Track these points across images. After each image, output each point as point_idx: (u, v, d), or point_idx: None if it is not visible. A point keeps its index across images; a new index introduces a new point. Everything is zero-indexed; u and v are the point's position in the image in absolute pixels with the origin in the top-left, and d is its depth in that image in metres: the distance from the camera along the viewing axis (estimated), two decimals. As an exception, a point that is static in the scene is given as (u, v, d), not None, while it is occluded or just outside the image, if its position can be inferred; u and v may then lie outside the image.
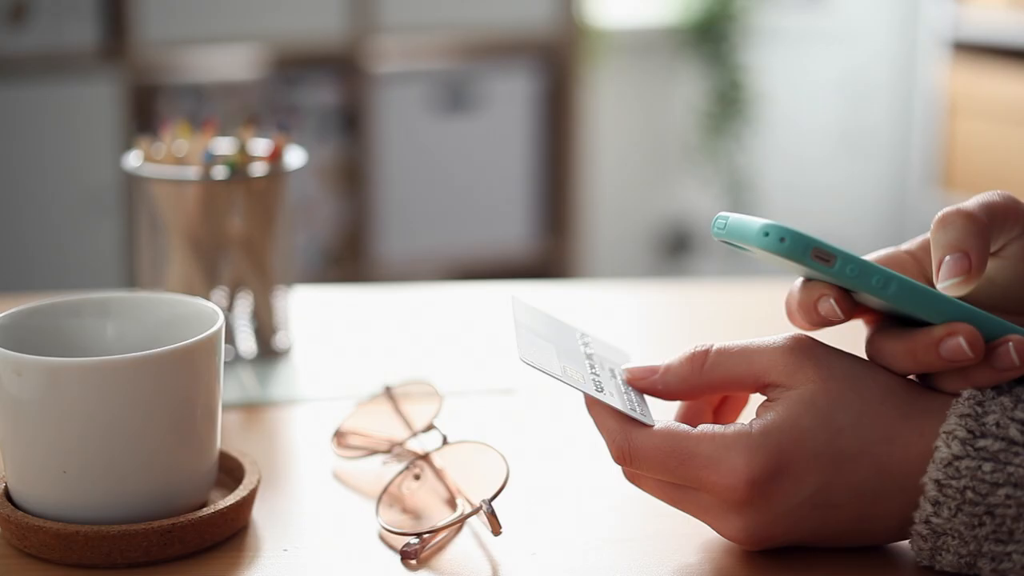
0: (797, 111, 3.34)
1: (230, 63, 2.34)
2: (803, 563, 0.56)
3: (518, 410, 0.77)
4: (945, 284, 0.55)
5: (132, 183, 0.81)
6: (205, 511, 0.58)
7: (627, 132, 3.21)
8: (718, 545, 0.58)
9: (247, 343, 0.84)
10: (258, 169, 0.80)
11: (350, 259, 2.46)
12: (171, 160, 0.82)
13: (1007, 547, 0.52)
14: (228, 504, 0.58)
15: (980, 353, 0.53)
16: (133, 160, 0.81)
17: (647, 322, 0.98)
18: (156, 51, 2.21)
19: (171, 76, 2.27)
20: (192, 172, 0.80)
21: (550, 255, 2.59)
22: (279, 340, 0.85)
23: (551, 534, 0.60)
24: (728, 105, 3.18)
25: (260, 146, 0.82)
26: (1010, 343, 0.54)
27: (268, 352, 0.84)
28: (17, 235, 2.15)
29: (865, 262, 0.54)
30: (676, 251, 3.27)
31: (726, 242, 0.56)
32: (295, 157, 0.83)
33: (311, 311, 0.93)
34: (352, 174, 2.43)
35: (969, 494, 0.52)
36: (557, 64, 2.53)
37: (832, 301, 0.55)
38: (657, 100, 3.24)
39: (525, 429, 0.74)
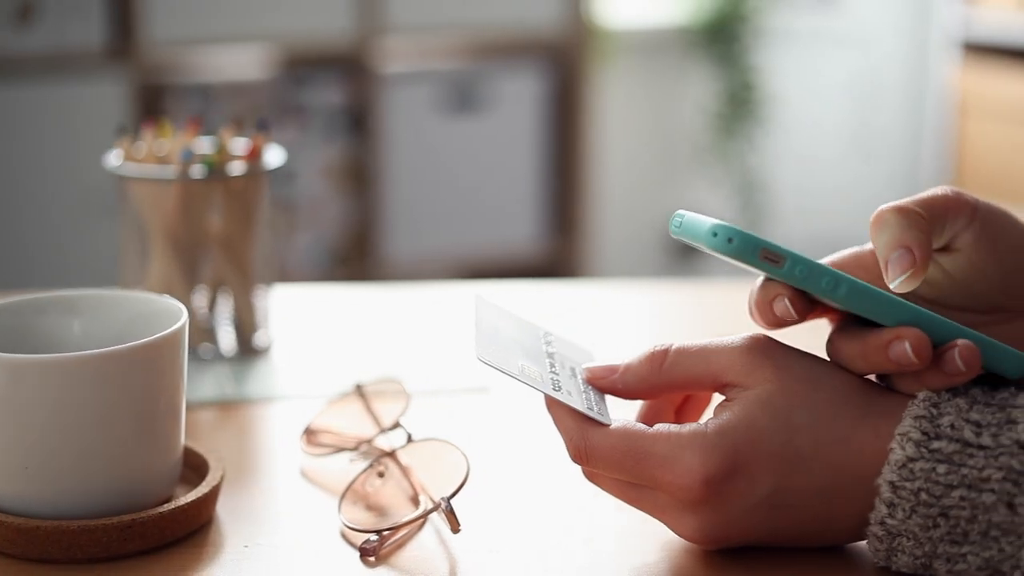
0: (808, 112, 3.33)
1: (237, 63, 2.34)
2: (762, 563, 0.56)
3: (490, 409, 0.77)
4: (895, 283, 0.55)
5: (114, 182, 0.81)
6: (166, 507, 0.58)
7: (637, 132, 3.21)
8: (677, 544, 0.58)
9: (227, 341, 0.84)
10: (236, 168, 0.81)
11: (357, 259, 2.47)
12: (153, 159, 0.83)
13: (962, 548, 0.52)
14: (189, 500, 0.59)
15: (925, 359, 0.53)
16: (114, 159, 0.82)
17: (659, 321, 0.98)
18: (163, 51, 2.22)
19: (178, 76, 2.28)
20: (171, 171, 0.80)
21: (558, 255, 2.59)
22: (259, 338, 0.85)
23: (512, 532, 0.60)
24: (739, 106, 3.17)
25: (239, 145, 0.83)
26: (955, 349, 0.53)
27: (248, 350, 0.84)
28: (24, 235, 2.16)
29: (815, 264, 0.54)
30: (686, 252, 3.26)
31: (683, 241, 0.56)
32: (274, 156, 0.83)
33: (309, 310, 0.94)
34: (359, 174, 2.44)
35: (923, 496, 0.52)
36: (565, 64, 2.53)
37: (786, 301, 0.55)
38: (667, 101, 3.24)
39: (495, 428, 0.75)
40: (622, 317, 0.98)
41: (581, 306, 1.00)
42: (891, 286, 0.55)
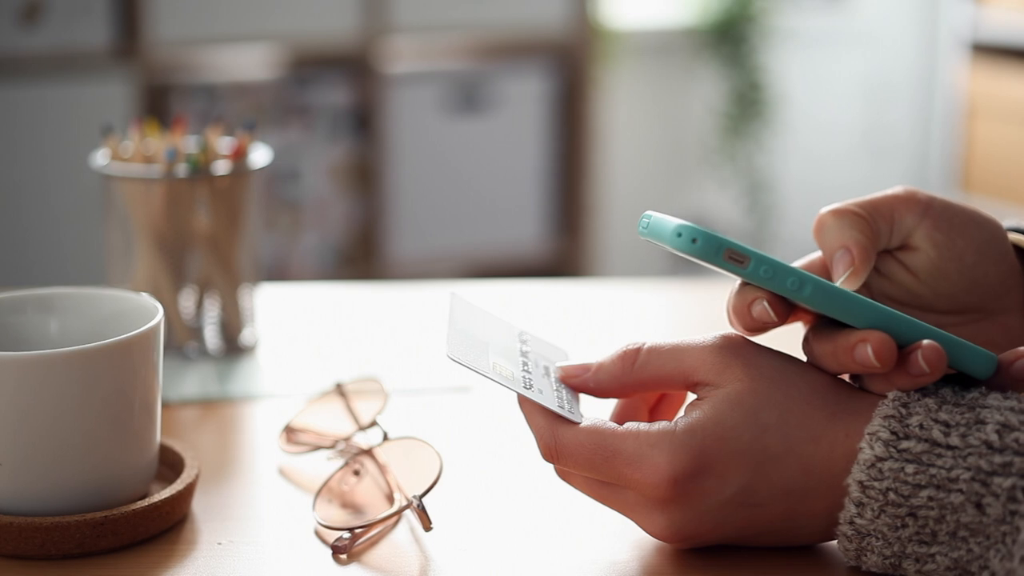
0: (816, 112, 3.32)
1: (243, 63, 2.35)
2: (732, 562, 0.56)
3: (471, 408, 0.77)
4: (838, 281, 0.56)
5: (101, 182, 0.82)
6: (139, 504, 0.58)
7: (644, 133, 3.21)
8: (649, 543, 0.58)
9: (213, 340, 0.84)
10: (221, 167, 0.81)
11: (362, 258, 2.47)
12: (140, 159, 0.83)
13: (931, 548, 0.52)
14: (163, 498, 0.59)
15: (888, 362, 0.53)
16: (100, 158, 0.82)
17: (672, 320, 0.98)
18: (169, 51, 2.23)
19: (184, 76, 2.28)
20: (156, 170, 0.80)
21: (563, 255, 2.59)
22: (245, 337, 0.85)
23: (484, 531, 0.60)
24: (747, 106, 3.17)
25: (224, 145, 0.83)
26: (919, 351, 0.53)
27: (234, 349, 0.85)
28: (29, 234, 2.17)
29: (780, 264, 0.54)
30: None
31: (651, 242, 0.56)
32: (260, 156, 0.83)
33: (300, 309, 0.94)
34: (365, 174, 2.44)
35: (892, 496, 0.52)
36: (571, 65, 2.53)
37: (766, 304, 0.55)
38: (675, 101, 3.23)
39: (474, 427, 0.75)
40: (628, 316, 0.98)
41: (587, 305, 1.00)
42: (840, 285, 0.55)
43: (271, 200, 2.38)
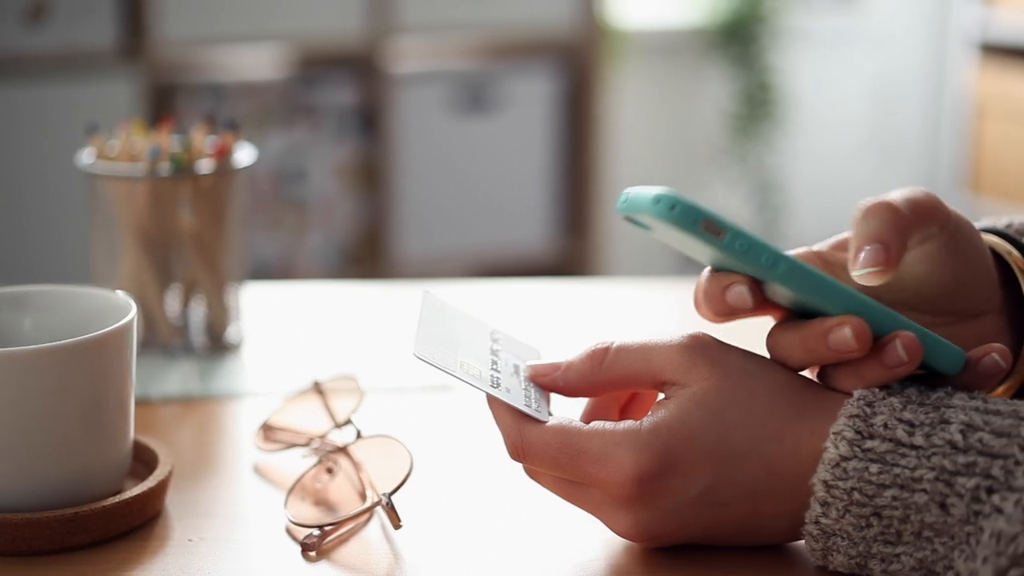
0: (825, 113, 3.32)
1: (249, 63, 2.36)
2: (699, 561, 0.56)
3: (450, 407, 0.77)
4: (860, 272, 0.55)
5: (86, 181, 0.82)
6: (110, 501, 0.59)
7: (652, 133, 3.21)
8: (617, 542, 0.58)
9: (198, 338, 0.85)
10: (204, 166, 0.81)
11: (368, 258, 2.48)
12: (127, 158, 0.84)
13: (896, 548, 0.52)
14: (134, 494, 0.59)
15: (865, 346, 0.53)
16: (86, 157, 0.83)
17: (679, 319, 0.98)
18: (175, 50, 2.24)
19: (190, 76, 2.29)
20: (139, 169, 0.81)
21: (570, 255, 2.59)
22: (230, 335, 0.86)
23: (454, 529, 0.60)
24: (756, 106, 3.16)
25: (208, 144, 0.83)
26: (898, 339, 0.53)
27: (219, 347, 0.85)
28: (35, 234, 2.18)
29: (756, 239, 0.53)
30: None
31: (630, 219, 0.55)
32: (244, 155, 0.84)
33: (289, 308, 0.94)
34: (371, 174, 2.45)
35: (856, 495, 0.52)
36: (577, 65, 2.53)
37: (744, 287, 0.55)
38: (684, 101, 3.23)
39: (451, 426, 0.75)
40: (635, 316, 0.98)
41: (594, 305, 1.00)
42: (855, 275, 0.55)
43: (277, 200, 2.38)
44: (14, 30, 2.10)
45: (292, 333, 0.91)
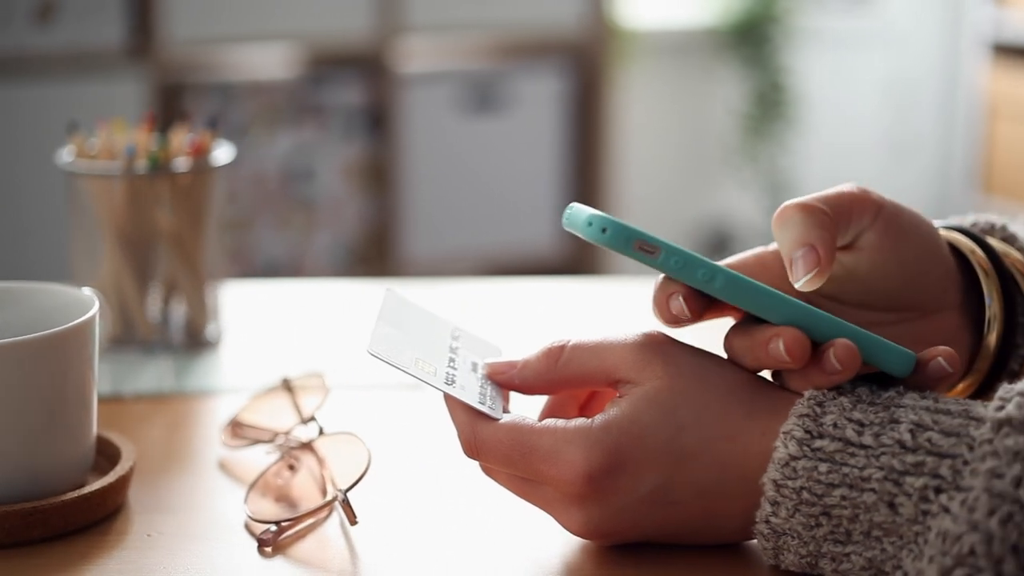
0: (838, 113, 3.31)
1: (257, 62, 2.37)
2: (652, 559, 0.56)
3: (420, 405, 0.77)
4: (800, 282, 0.55)
5: (65, 180, 0.83)
6: (69, 495, 0.59)
7: (664, 133, 3.20)
8: (572, 540, 0.58)
9: (177, 336, 0.85)
10: (181, 164, 0.82)
11: (376, 258, 2.48)
12: (107, 156, 0.84)
13: (845, 548, 0.52)
14: (94, 489, 0.60)
15: (800, 358, 0.53)
16: (65, 156, 0.83)
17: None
18: (183, 50, 2.25)
19: (198, 75, 2.30)
20: (116, 167, 0.81)
21: (578, 255, 2.59)
22: (209, 333, 0.86)
23: (410, 526, 0.61)
24: (769, 107, 3.16)
25: (186, 142, 0.84)
26: (832, 348, 0.53)
27: (197, 345, 0.85)
28: (41, 233, 2.19)
29: (691, 256, 0.53)
30: (716, 254, 3.25)
31: (573, 233, 0.56)
32: (222, 154, 0.84)
33: (278, 306, 0.94)
34: (379, 173, 2.46)
35: (805, 495, 0.52)
36: (586, 65, 2.53)
37: (680, 299, 0.55)
38: (695, 102, 3.22)
39: (417, 423, 0.75)
40: (642, 315, 0.97)
41: (602, 304, 1.00)
42: (796, 285, 0.55)
43: (285, 199, 2.39)
44: (22, 29, 2.11)
45: (273, 331, 0.91)
